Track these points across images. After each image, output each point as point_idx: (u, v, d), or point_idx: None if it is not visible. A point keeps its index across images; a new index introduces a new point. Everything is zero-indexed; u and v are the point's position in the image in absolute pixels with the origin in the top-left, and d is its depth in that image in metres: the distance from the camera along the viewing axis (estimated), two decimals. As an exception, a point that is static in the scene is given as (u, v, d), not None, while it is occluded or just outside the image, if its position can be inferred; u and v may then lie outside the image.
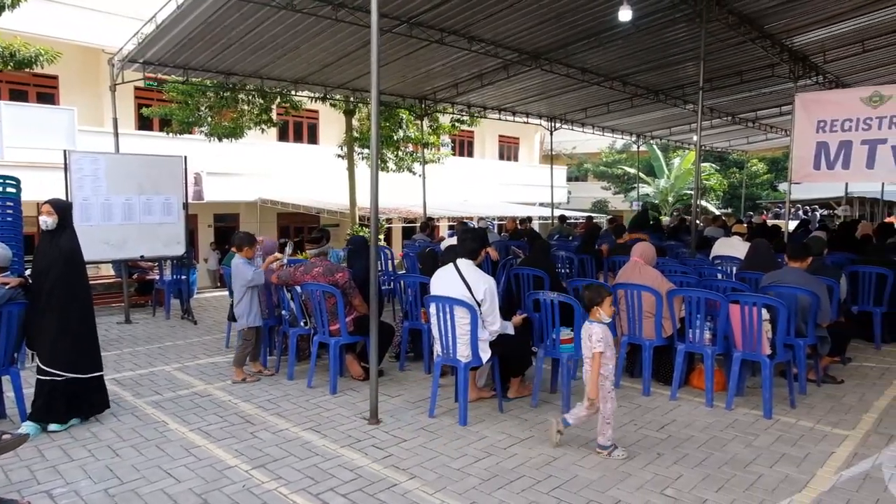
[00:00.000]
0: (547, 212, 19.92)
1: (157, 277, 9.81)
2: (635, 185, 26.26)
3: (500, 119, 16.07)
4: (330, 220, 18.74)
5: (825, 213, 25.54)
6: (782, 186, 26.77)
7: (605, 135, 19.52)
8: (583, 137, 22.58)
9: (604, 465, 3.92)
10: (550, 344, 5.02)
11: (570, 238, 12.41)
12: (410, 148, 16.84)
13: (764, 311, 4.82)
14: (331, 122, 20.57)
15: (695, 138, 13.82)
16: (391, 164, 16.45)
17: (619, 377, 5.59)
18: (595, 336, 3.89)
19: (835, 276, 5.99)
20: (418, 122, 15.29)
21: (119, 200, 8.14)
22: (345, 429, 4.56)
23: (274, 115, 14.92)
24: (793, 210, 27.99)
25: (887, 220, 19.35)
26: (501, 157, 29.62)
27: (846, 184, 18.43)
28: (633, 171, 25.95)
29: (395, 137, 15.66)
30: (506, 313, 5.36)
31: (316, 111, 20.15)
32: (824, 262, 6.44)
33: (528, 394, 5.16)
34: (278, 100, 14.12)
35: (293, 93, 13.18)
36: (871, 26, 10.80)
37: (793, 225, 15.56)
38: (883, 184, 19.00)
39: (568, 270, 9.02)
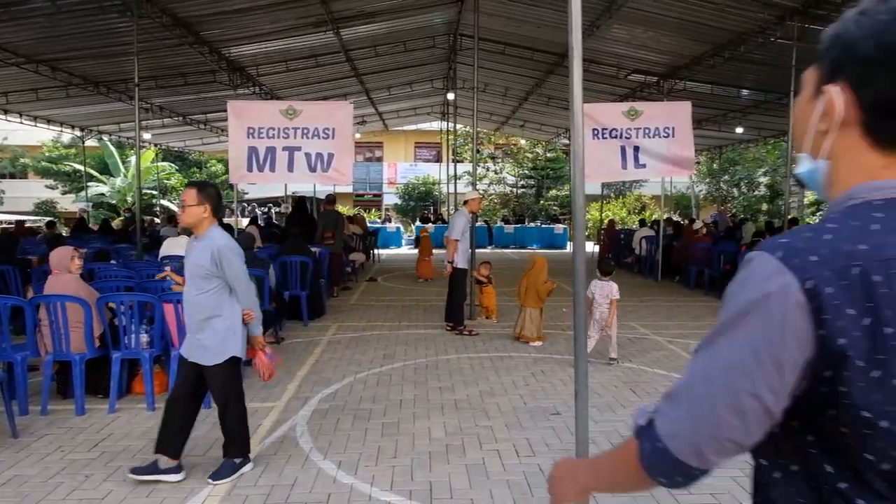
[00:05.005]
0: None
1: None
2: (87, 183, 23.85)
3: None
4: None
5: (277, 209, 28.73)
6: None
7: (41, 126, 17.02)
8: (12, 127, 19.18)
9: (15, 509, 3.38)
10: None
11: (-6, 246, 10.36)
12: None
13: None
14: None
15: (144, 136, 13.40)
16: None
17: (46, 402, 4.94)
18: (615, 289, 6.09)
19: (264, 267, 6.73)
20: None
21: None
22: None
23: None
24: (248, 208, 30.51)
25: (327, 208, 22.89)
26: None
27: (286, 184, 21.01)
28: (82, 168, 23.38)
29: None
30: None
31: None
32: (256, 254, 7.15)
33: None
34: None
35: None
36: (292, 49, 12.58)
37: (245, 222, 16.90)
38: (314, 184, 22.42)
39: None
